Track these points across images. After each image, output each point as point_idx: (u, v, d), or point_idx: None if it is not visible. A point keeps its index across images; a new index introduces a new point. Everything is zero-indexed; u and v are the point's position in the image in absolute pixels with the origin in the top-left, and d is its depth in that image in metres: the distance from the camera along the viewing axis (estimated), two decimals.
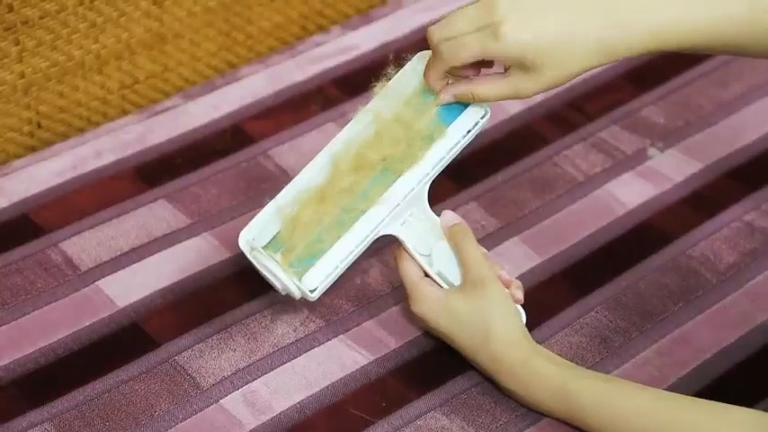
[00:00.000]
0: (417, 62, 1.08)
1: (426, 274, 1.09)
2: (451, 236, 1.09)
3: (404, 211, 1.07)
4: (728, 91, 1.42)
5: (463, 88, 1.05)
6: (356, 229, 1.05)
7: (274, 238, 1.04)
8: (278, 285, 1.05)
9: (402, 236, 1.08)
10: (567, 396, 1.03)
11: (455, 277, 1.09)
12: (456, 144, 1.08)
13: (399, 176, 1.06)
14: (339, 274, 1.06)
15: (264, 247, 1.05)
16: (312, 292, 1.05)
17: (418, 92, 1.07)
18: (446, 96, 1.06)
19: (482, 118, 1.08)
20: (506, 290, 1.08)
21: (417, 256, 1.08)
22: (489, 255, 1.11)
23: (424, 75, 1.06)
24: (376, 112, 1.08)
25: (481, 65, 1.05)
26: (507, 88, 1.02)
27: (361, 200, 1.06)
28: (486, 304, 1.05)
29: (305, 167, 1.07)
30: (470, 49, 1.01)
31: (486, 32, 1.00)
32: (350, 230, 1.05)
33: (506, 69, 1.02)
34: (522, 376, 1.04)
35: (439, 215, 1.10)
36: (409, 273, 1.08)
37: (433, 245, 1.09)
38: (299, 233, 1.05)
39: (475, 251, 1.08)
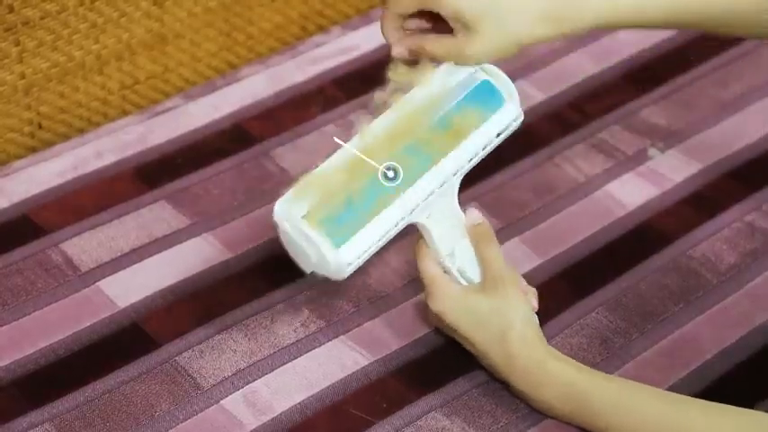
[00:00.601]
0: (446, 71, 1.08)
1: (444, 271, 1.09)
2: (474, 234, 1.09)
3: (434, 203, 1.07)
4: (729, 91, 1.42)
5: (415, 40, 1.06)
6: (391, 211, 1.04)
7: (311, 207, 1.03)
8: (312, 257, 1.02)
9: (428, 228, 1.07)
10: (576, 396, 1.03)
11: (475, 275, 1.08)
12: (490, 141, 1.07)
13: (433, 162, 1.05)
14: (371, 254, 1.04)
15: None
16: (348, 265, 1.03)
17: (456, 85, 1.07)
18: (400, 48, 1.07)
19: (514, 120, 1.08)
20: (524, 294, 1.08)
21: (440, 251, 1.08)
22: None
23: (381, 28, 1.07)
24: (408, 104, 1.07)
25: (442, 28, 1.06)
26: (452, 47, 1.04)
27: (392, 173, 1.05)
28: (506, 304, 1.05)
29: (344, 145, 1.05)
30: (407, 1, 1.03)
31: None
32: (385, 211, 1.04)
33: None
34: (534, 376, 1.04)
35: (464, 211, 1.09)
36: (429, 268, 1.08)
37: (456, 241, 1.08)
38: (332, 204, 1.03)
39: (497, 251, 1.08)
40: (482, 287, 1.07)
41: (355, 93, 1.39)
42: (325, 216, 1.02)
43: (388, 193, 1.04)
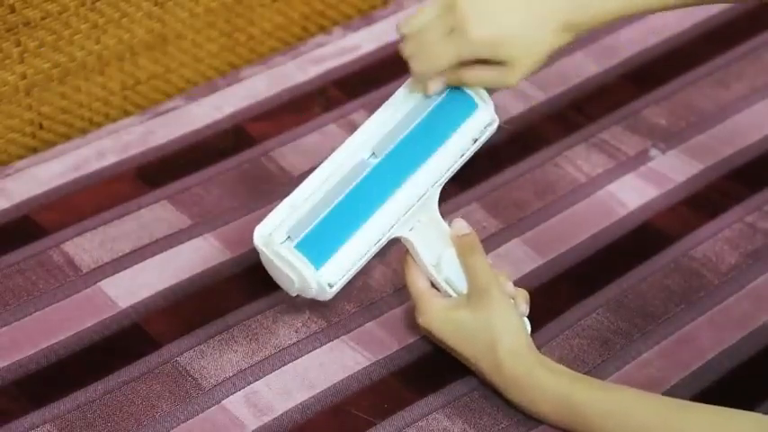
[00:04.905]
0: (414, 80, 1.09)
1: (432, 283, 1.09)
2: (459, 245, 1.08)
3: (415, 216, 1.07)
4: (730, 92, 1.42)
5: (453, 76, 1.06)
6: (371, 229, 1.05)
7: (288, 237, 1.04)
8: (295, 281, 1.03)
9: (411, 241, 1.07)
10: (570, 407, 1.02)
11: (463, 285, 1.08)
12: (466, 148, 1.08)
13: (410, 176, 1.06)
14: (354, 274, 1.05)
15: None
16: (331, 287, 1.04)
17: (427, 97, 1.08)
18: (436, 84, 1.07)
19: (488, 126, 1.08)
20: (511, 301, 1.07)
21: (425, 262, 1.08)
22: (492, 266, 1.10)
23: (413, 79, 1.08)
24: (383, 118, 1.08)
25: None
26: (494, 79, 1.05)
27: (371, 186, 1.06)
28: (491, 315, 1.05)
29: (318, 167, 1.06)
30: (445, 58, 1.04)
31: (455, 37, 1.03)
32: (364, 230, 1.04)
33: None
34: (526, 387, 1.04)
35: (447, 220, 1.10)
36: (416, 283, 1.08)
37: (441, 251, 1.08)
38: (311, 227, 1.03)
39: (481, 261, 1.07)
40: (468, 300, 1.07)
41: (356, 93, 1.39)
42: (305, 239, 1.03)
43: (368, 210, 1.04)
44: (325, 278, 1.03)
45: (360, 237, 1.04)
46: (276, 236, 1.03)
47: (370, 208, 1.05)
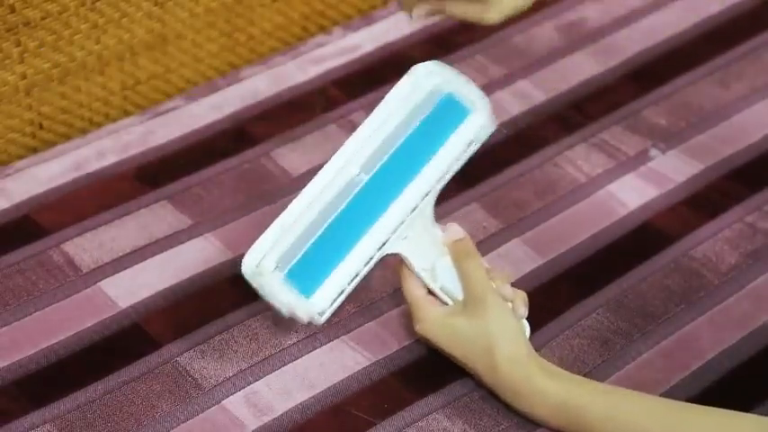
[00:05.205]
0: (415, 74, 1.08)
1: (429, 291, 1.09)
2: (454, 251, 1.08)
3: (408, 227, 1.07)
4: (730, 92, 1.41)
5: (436, 5, 1.07)
6: (361, 248, 1.05)
7: (277, 266, 1.04)
8: (284, 311, 1.03)
9: (405, 252, 1.07)
10: (570, 411, 1.02)
11: (459, 292, 1.08)
12: (458, 157, 1.07)
13: (400, 190, 1.06)
14: (346, 297, 1.05)
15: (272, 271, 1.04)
16: (321, 315, 1.04)
17: (417, 104, 1.07)
18: (420, 10, 1.08)
19: (483, 129, 1.08)
20: (509, 305, 1.07)
21: (420, 271, 1.08)
22: (491, 269, 1.10)
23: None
24: (378, 124, 1.07)
25: None
26: (474, 12, 1.06)
27: (362, 203, 1.05)
28: (488, 322, 1.05)
29: (308, 184, 1.06)
30: None
31: None
32: (355, 251, 1.04)
33: None
34: (524, 393, 1.04)
35: (447, 220, 1.09)
36: (412, 291, 1.08)
37: (436, 259, 1.08)
38: (300, 253, 1.03)
39: (476, 267, 1.07)
40: (464, 306, 1.06)
41: (356, 93, 1.39)
42: (294, 267, 1.03)
43: (358, 230, 1.04)
44: (315, 307, 1.03)
45: (350, 258, 1.04)
46: (265, 265, 1.03)
47: (361, 227, 1.05)
